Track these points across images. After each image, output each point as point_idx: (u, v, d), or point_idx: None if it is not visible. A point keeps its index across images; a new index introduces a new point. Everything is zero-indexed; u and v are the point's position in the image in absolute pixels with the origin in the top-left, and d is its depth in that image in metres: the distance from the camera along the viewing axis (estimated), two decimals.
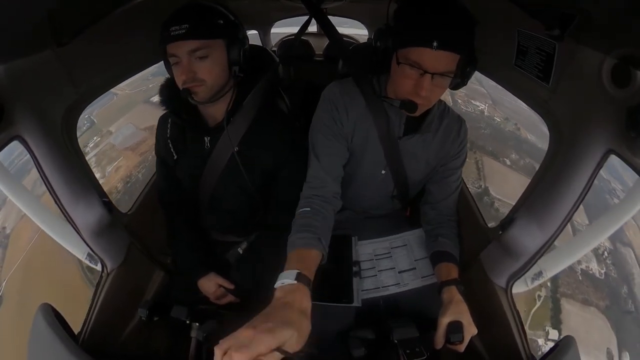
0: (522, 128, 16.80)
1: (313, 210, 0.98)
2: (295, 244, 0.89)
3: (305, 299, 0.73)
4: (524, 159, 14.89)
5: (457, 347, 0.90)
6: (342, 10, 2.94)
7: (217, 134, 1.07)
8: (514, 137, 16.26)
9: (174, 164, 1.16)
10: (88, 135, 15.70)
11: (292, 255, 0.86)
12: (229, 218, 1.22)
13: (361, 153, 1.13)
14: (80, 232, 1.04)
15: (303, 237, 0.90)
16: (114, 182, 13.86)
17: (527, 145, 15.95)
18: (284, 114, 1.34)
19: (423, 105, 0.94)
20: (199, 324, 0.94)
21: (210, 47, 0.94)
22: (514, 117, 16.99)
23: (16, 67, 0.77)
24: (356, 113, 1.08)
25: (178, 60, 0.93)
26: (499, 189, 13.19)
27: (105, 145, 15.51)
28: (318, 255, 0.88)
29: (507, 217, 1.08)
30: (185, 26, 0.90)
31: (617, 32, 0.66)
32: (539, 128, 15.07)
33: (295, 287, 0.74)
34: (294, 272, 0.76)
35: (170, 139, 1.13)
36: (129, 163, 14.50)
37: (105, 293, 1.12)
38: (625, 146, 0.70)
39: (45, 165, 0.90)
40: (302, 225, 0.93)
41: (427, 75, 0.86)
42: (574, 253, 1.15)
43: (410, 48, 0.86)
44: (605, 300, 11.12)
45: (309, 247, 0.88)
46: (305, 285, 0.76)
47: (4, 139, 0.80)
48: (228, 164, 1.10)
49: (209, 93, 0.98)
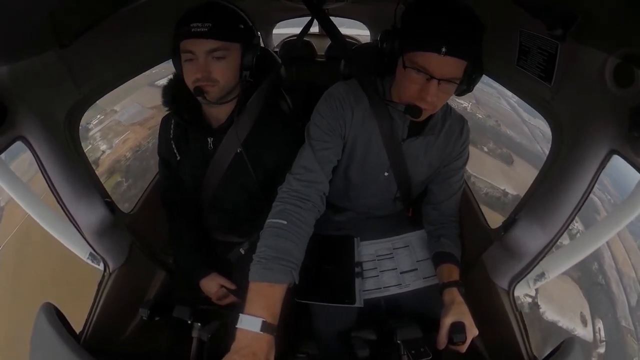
0: (502, 125, 18.09)
1: (290, 223, 0.87)
2: (263, 275, 0.79)
3: (271, 350, 0.73)
4: (501, 149, 16.28)
5: (459, 347, 0.90)
6: (343, 10, 2.94)
7: (220, 135, 1.07)
8: (494, 131, 17.57)
9: (177, 164, 1.16)
10: (91, 114, 14.23)
11: (257, 290, 0.78)
12: (231, 218, 1.23)
13: (364, 154, 1.12)
14: (82, 232, 1.04)
15: (271, 269, 0.80)
16: (122, 151, 13.92)
17: (504, 138, 17.49)
18: (286, 115, 1.34)
19: (428, 110, 0.92)
20: (201, 324, 0.94)
21: (228, 50, 0.94)
22: (495, 115, 18.23)
23: (19, 68, 0.78)
24: (360, 114, 1.07)
25: (193, 57, 0.93)
26: (476, 169, 14.00)
27: (110, 122, 15.27)
28: (286, 287, 0.81)
29: (510, 218, 1.08)
30: (208, 25, 0.90)
31: (619, 31, 0.65)
32: (519, 127, 18.30)
33: (260, 336, 0.72)
34: (258, 321, 0.72)
35: (173, 140, 1.14)
36: (137, 136, 14.62)
37: (107, 293, 1.12)
38: (628, 146, 0.69)
39: (48, 166, 0.91)
40: (273, 248, 0.83)
41: (434, 81, 0.84)
42: (576, 254, 1.14)
43: (417, 52, 0.83)
44: (578, 272, 11.81)
45: (279, 283, 0.80)
46: (271, 335, 0.74)
47: (6, 139, 0.81)
48: (231, 165, 1.10)
49: (220, 94, 0.98)
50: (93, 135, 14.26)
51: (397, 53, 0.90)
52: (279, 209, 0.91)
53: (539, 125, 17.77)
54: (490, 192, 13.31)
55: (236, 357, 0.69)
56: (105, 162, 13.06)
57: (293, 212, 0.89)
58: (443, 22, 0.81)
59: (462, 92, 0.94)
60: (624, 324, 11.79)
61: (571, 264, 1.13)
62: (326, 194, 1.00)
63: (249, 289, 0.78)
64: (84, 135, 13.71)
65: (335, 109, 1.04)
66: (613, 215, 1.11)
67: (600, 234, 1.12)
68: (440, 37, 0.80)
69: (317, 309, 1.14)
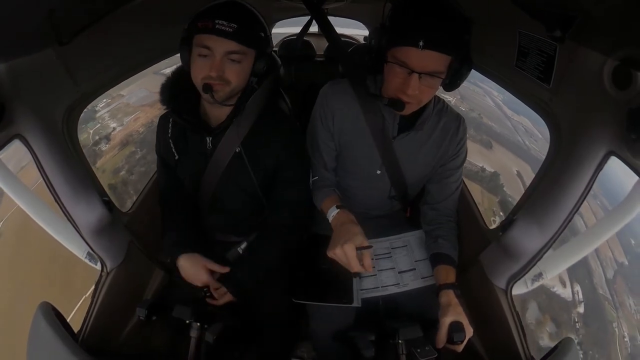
0: (484, 117, 21.36)
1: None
2: (325, 194, 1.15)
3: (351, 215, 1.05)
4: (481, 135, 19.67)
5: (457, 347, 0.91)
6: (342, 10, 2.95)
7: (219, 135, 1.07)
8: (476, 122, 20.47)
9: (175, 164, 1.15)
10: (97, 99, 16.74)
11: (326, 201, 1.13)
12: (230, 218, 1.22)
13: (355, 153, 1.14)
14: (80, 230, 1.04)
15: (326, 191, 1.16)
16: (135, 127, 15.93)
17: (485, 127, 20.99)
18: (285, 115, 1.34)
19: (411, 104, 0.95)
20: (200, 324, 0.94)
21: (245, 54, 0.94)
22: (478, 110, 21.26)
23: (17, 66, 0.77)
24: (350, 112, 1.09)
25: (209, 54, 0.91)
26: None
27: (118, 104, 17.04)
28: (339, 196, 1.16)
29: (508, 218, 1.08)
30: (233, 25, 0.89)
31: (618, 33, 0.65)
32: (502, 121, 21.75)
33: (341, 212, 1.05)
34: (334, 208, 1.07)
35: (172, 139, 1.13)
36: (148, 115, 15.89)
37: (105, 292, 1.12)
38: (626, 148, 0.70)
39: (46, 164, 0.90)
40: (321, 187, 1.18)
41: (415, 75, 0.87)
42: (574, 254, 1.15)
43: (398, 47, 0.87)
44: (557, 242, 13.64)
45: (333, 195, 1.16)
46: (346, 209, 1.07)
47: (4, 137, 0.80)
48: (230, 165, 1.09)
49: (228, 95, 0.98)
50: (101, 116, 16.39)
51: (383, 50, 0.93)
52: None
53: (522, 121, 20.62)
54: (469, 167, 15.27)
55: (341, 227, 1.01)
56: (117, 136, 15.51)
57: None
58: (423, 17, 0.85)
59: (448, 86, 0.95)
60: (601, 292, 13.55)
61: (569, 264, 1.14)
62: (334, 181, 1.24)
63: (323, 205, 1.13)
64: (91, 116, 16.04)
65: (319, 110, 1.13)
66: (611, 216, 1.12)
67: (598, 234, 1.13)
68: (419, 32, 0.83)
69: (315, 309, 1.14)
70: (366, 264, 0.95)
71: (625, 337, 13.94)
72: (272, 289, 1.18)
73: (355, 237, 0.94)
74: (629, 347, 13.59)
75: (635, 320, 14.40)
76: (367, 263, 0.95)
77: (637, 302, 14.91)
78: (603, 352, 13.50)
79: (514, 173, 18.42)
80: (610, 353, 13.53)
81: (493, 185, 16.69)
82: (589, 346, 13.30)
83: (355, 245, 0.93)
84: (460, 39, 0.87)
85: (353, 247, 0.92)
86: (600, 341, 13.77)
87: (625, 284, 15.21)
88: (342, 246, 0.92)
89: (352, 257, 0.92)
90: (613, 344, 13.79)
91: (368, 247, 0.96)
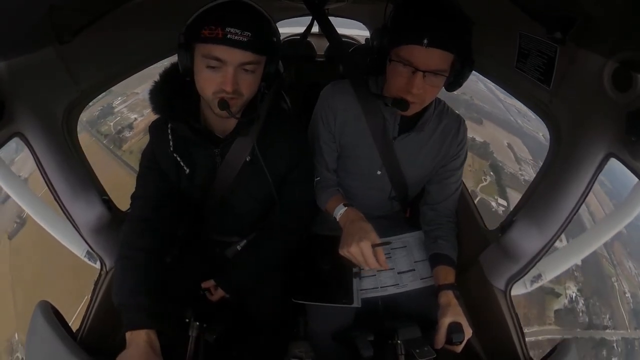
0: (475, 99, 23.85)
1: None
2: (330, 194, 1.16)
3: (359, 212, 1.04)
4: (471, 114, 21.92)
5: (455, 347, 0.91)
6: (343, 11, 2.95)
7: (227, 144, 1.00)
8: (466, 102, 22.71)
9: (179, 178, 1.03)
10: (111, 97, 18.68)
11: (331, 201, 1.13)
12: (236, 222, 1.19)
13: (356, 154, 1.14)
14: (79, 229, 1.04)
15: (331, 191, 1.16)
16: (154, 117, 17.43)
17: (474, 107, 23.45)
18: (289, 115, 1.32)
19: (415, 104, 0.95)
20: (199, 323, 0.94)
21: (259, 64, 0.85)
22: (469, 93, 23.11)
23: (17, 64, 0.77)
24: (347, 114, 1.09)
25: (221, 65, 0.80)
26: None
27: (134, 100, 18.74)
28: (343, 196, 1.17)
29: (507, 219, 1.08)
30: (247, 34, 0.78)
31: (618, 35, 0.66)
32: (494, 103, 24.26)
33: (349, 210, 1.05)
34: (341, 206, 1.06)
35: (176, 152, 1.00)
36: None
37: (104, 291, 1.12)
38: (625, 150, 0.70)
39: (46, 163, 0.90)
40: (324, 188, 1.18)
41: (419, 73, 0.87)
42: (573, 255, 1.15)
43: (402, 46, 0.87)
44: None
45: (337, 194, 1.16)
46: (353, 207, 1.06)
47: (4, 135, 0.80)
48: (240, 172, 1.03)
49: (241, 107, 0.91)
50: (120, 110, 18.65)
51: (386, 50, 0.93)
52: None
53: (515, 103, 22.40)
54: None
55: (351, 225, 0.99)
56: (140, 125, 17.36)
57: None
58: (426, 16, 0.85)
59: (451, 85, 0.96)
60: (598, 251, 13.76)
61: (568, 265, 1.14)
62: (336, 182, 1.23)
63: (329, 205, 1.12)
64: (110, 112, 18.56)
65: (320, 111, 1.12)
66: (610, 217, 1.12)
67: (597, 235, 1.13)
68: (423, 30, 0.84)
69: (314, 309, 1.14)
70: (381, 260, 0.92)
71: (626, 293, 15.21)
72: (271, 289, 1.18)
73: (370, 234, 0.93)
74: (631, 303, 14.93)
75: (636, 282, 15.69)
76: (382, 260, 0.92)
77: (637, 267, 16.32)
78: (604, 303, 14.50)
79: (504, 145, 21.83)
80: (612, 305, 14.54)
81: (483, 152, 19.94)
82: (589, 294, 14.31)
83: (371, 242, 0.91)
84: (465, 38, 0.88)
85: (369, 244, 0.90)
86: (600, 291, 14.86)
87: (624, 248, 16.53)
88: (357, 243, 0.90)
89: (369, 254, 0.90)
90: (614, 298, 14.93)
91: (385, 244, 0.95)
